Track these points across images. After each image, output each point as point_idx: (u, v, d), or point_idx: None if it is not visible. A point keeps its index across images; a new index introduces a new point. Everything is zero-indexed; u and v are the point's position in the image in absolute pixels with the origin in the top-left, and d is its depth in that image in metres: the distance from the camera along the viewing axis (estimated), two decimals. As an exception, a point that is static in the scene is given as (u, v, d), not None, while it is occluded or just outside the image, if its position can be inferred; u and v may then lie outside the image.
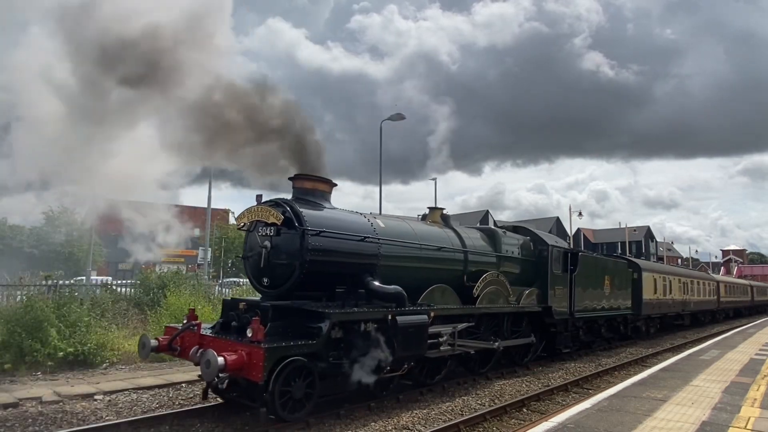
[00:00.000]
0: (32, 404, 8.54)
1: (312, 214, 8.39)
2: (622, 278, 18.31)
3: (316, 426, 7.69)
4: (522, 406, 9.59)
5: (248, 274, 9.09)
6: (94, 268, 25.28)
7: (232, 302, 8.40)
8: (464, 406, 9.26)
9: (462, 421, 8.17)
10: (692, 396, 8.39)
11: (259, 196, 8.66)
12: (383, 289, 8.69)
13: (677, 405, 7.73)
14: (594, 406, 7.55)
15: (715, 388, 9.03)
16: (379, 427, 7.87)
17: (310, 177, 9.14)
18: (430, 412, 8.73)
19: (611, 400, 8.03)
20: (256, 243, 8.57)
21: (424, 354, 9.12)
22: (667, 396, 8.35)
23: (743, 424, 6.77)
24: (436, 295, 10.13)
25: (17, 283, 14.15)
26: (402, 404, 9.12)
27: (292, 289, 8.21)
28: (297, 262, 8.10)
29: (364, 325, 8.13)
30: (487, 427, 8.41)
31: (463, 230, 12.08)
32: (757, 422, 6.86)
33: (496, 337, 11.76)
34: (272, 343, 6.92)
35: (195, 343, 7.54)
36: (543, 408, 9.67)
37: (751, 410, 7.52)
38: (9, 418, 7.77)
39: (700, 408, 7.57)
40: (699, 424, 6.68)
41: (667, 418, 6.93)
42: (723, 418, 7.04)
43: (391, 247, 9.49)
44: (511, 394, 10.38)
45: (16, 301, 12.92)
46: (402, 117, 23.72)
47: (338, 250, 8.57)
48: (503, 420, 8.79)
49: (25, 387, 9.64)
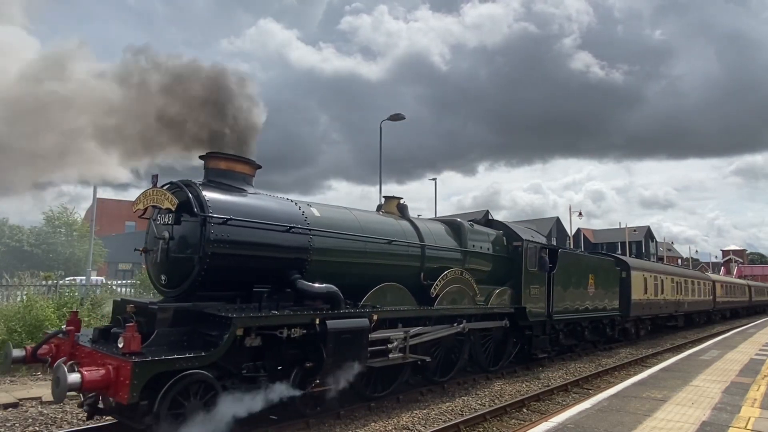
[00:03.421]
0: (32, 404, 8.53)
1: (218, 199, 7.12)
2: (608, 277, 17.30)
3: (316, 426, 7.67)
4: (522, 406, 9.58)
5: (148, 271, 7.91)
6: (94, 268, 25.27)
7: (121, 304, 7.12)
8: (464, 406, 9.26)
9: (462, 421, 8.17)
10: (692, 396, 8.38)
11: (154, 177, 7.19)
12: (312, 289, 7.58)
13: (677, 405, 7.72)
14: (594, 406, 7.52)
15: (715, 389, 9.02)
16: (379, 427, 7.86)
17: (225, 156, 7.80)
18: (430, 412, 8.73)
19: (611, 400, 8.01)
20: (155, 233, 7.41)
21: (364, 363, 7.88)
22: (667, 396, 8.33)
23: (743, 424, 6.74)
24: (385, 295, 9.00)
25: (17, 283, 14.15)
26: (402, 404, 9.12)
27: (194, 289, 6.96)
28: (196, 256, 6.84)
29: (287, 332, 6.97)
30: (487, 427, 8.39)
31: (421, 222, 10.93)
32: (757, 422, 6.83)
33: (462, 345, 10.83)
34: (148, 355, 5.65)
35: (66, 353, 6.32)
36: (543, 408, 9.67)
37: (751, 410, 7.50)
38: (9, 418, 7.76)
39: (700, 408, 7.56)
40: (699, 425, 6.66)
41: (667, 419, 6.92)
42: (723, 418, 7.01)
43: (326, 239, 8.29)
44: (511, 394, 10.38)
45: (17, 300, 12.94)
46: (402, 117, 23.85)
47: (252, 242, 7.34)
48: (503, 420, 8.78)
49: (25, 387, 9.64)
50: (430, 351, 9.95)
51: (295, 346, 7.23)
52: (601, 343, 17.91)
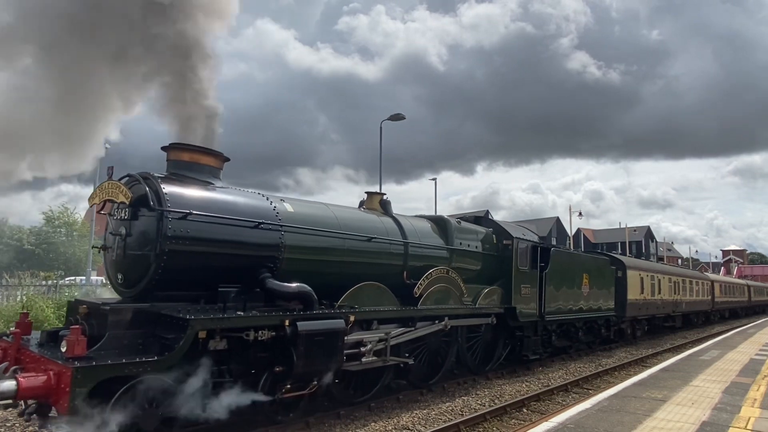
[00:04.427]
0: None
1: (178, 193, 6.67)
2: (603, 276, 16.81)
3: (316, 426, 7.64)
4: (522, 406, 9.57)
5: (106, 270, 7.42)
6: (94, 268, 25.26)
7: (75, 304, 6.67)
8: (464, 406, 9.24)
9: (462, 421, 8.15)
10: (692, 396, 8.37)
11: (110, 168, 6.74)
12: (283, 288, 7.17)
13: (677, 405, 7.72)
14: (594, 406, 7.53)
15: (715, 389, 9.02)
16: (379, 427, 7.85)
17: (189, 147, 7.29)
18: (430, 412, 8.72)
19: (611, 400, 8.01)
20: (111, 229, 7.02)
21: (339, 367, 7.48)
22: (667, 396, 8.33)
23: (743, 424, 6.75)
24: (364, 295, 8.54)
25: (17, 283, 14.17)
26: (402, 404, 9.10)
27: (151, 288, 6.51)
28: (153, 254, 6.42)
29: (253, 334, 6.57)
30: (487, 427, 8.39)
31: (405, 219, 10.47)
32: (757, 422, 6.84)
33: (449, 347, 10.41)
34: (93, 360, 5.22)
35: (12, 358, 5.91)
36: (543, 408, 9.66)
37: (751, 410, 7.51)
38: (9, 418, 7.74)
39: (700, 408, 7.56)
40: (699, 425, 6.66)
41: (667, 419, 6.92)
42: (723, 418, 7.01)
43: (299, 236, 7.86)
44: (511, 394, 10.35)
45: (17, 300, 12.95)
46: (402, 117, 23.87)
47: (215, 238, 6.88)
48: (503, 420, 8.77)
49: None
50: (413, 353, 9.56)
51: (264, 349, 6.83)
52: (596, 344, 17.51)
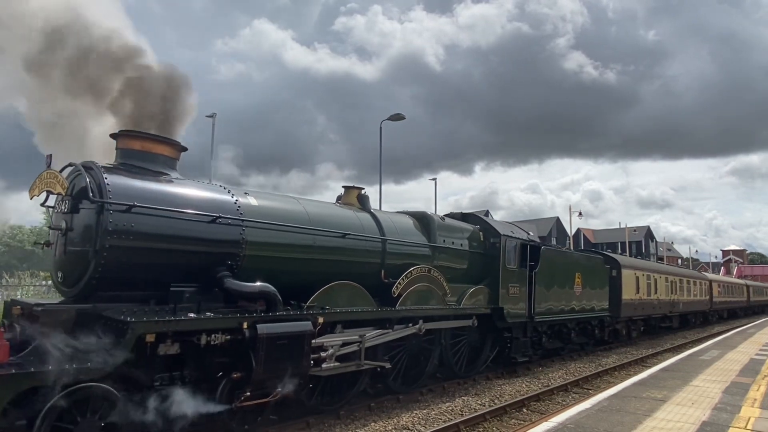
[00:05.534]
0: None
1: (122, 184, 6.08)
2: (597, 276, 16.25)
3: (316, 426, 7.65)
4: (522, 406, 9.56)
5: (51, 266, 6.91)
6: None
7: (9, 305, 6.24)
8: (464, 406, 9.23)
9: (462, 421, 8.16)
10: (692, 396, 8.34)
11: (48, 157, 6.13)
12: (242, 288, 6.66)
13: (677, 405, 7.70)
14: (594, 406, 7.51)
15: (715, 389, 8.99)
16: (379, 427, 7.85)
17: (140, 135, 6.70)
18: (430, 412, 8.71)
19: (611, 400, 7.99)
20: (52, 223, 6.50)
21: (305, 373, 6.94)
22: (667, 396, 8.30)
23: (743, 424, 6.73)
24: (336, 294, 8.00)
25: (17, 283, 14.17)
26: (402, 404, 9.09)
27: (92, 288, 5.95)
28: (92, 249, 5.84)
29: (205, 338, 6.05)
30: (487, 427, 8.38)
31: (384, 215, 9.93)
32: (757, 422, 6.81)
33: (432, 347, 9.99)
34: (13, 368, 4.77)
35: None
36: (543, 408, 9.64)
37: (751, 410, 7.48)
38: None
39: (700, 408, 7.52)
40: (699, 425, 6.63)
41: (667, 419, 6.90)
42: (723, 418, 6.98)
43: (263, 231, 7.29)
44: (511, 394, 10.35)
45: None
46: (402, 117, 23.87)
47: (164, 233, 6.28)
48: (503, 420, 8.77)
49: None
50: (392, 356, 9.10)
51: (224, 354, 6.32)
52: (590, 345, 16.98)
